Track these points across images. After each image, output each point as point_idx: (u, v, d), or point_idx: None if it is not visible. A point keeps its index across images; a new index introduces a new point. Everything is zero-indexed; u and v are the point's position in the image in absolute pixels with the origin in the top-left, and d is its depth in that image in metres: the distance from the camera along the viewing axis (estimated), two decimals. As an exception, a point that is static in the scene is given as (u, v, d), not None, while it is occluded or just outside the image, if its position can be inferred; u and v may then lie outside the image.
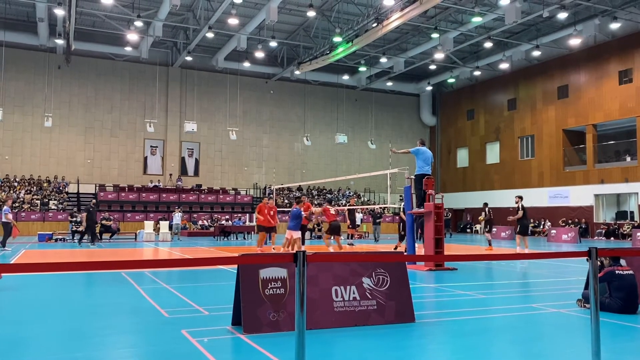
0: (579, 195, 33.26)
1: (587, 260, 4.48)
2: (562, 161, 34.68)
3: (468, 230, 40.41)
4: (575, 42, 31.05)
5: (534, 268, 13.15)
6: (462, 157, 43.29)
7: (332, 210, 18.29)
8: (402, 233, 17.52)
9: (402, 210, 19.59)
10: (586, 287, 7.48)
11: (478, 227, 39.88)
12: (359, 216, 26.32)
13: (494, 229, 23.00)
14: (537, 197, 35.64)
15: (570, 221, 32.50)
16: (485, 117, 40.77)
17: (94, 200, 22.87)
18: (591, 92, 32.84)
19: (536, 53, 33.06)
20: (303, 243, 17.52)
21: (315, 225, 26.07)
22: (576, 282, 10.07)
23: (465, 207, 41.23)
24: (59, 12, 26.71)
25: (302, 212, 16.28)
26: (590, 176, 32.81)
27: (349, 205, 24.03)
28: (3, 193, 30.54)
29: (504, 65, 36.12)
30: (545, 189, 35.42)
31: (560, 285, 10.36)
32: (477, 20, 28.53)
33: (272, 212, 17.41)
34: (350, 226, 22.08)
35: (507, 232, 28.95)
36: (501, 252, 18.69)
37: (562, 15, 27.51)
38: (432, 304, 8.21)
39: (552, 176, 35.13)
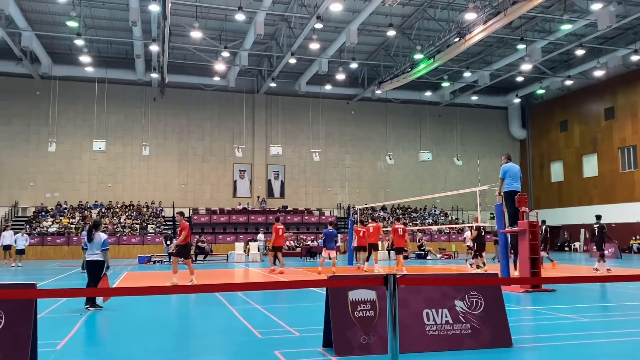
0: (692, 209, 30.40)
1: None
2: (670, 172, 31.95)
3: (566, 248, 38.07)
4: (679, 43, 28.72)
5: (643, 289, 12.11)
6: (557, 171, 41.04)
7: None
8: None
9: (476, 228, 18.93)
10: None
11: (577, 244, 37.50)
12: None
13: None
14: (643, 211, 32.95)
15: (684, 237, 29.72)
16: (580, 128, 38.51)
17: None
18: (701, 96, 30.12)
19: (635, 57, 30.84)
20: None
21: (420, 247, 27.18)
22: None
23: (562, 224, 38.94)
24: (154, 48, 28.73)
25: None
26: None
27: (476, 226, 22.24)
28: (106, 219, 32.84)
29: (599, 73, 33.99)
30: (652, 202, 32.69)
31: (676, 308, 9.44)
32: (566, 27, 27.21)
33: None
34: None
35: (610, 250, 26.92)
36: (608, 273, 17.40)
37: (663, 16, 25.59)
38: (530, 328, 7.78)
39: (660, 188, 32.41)
